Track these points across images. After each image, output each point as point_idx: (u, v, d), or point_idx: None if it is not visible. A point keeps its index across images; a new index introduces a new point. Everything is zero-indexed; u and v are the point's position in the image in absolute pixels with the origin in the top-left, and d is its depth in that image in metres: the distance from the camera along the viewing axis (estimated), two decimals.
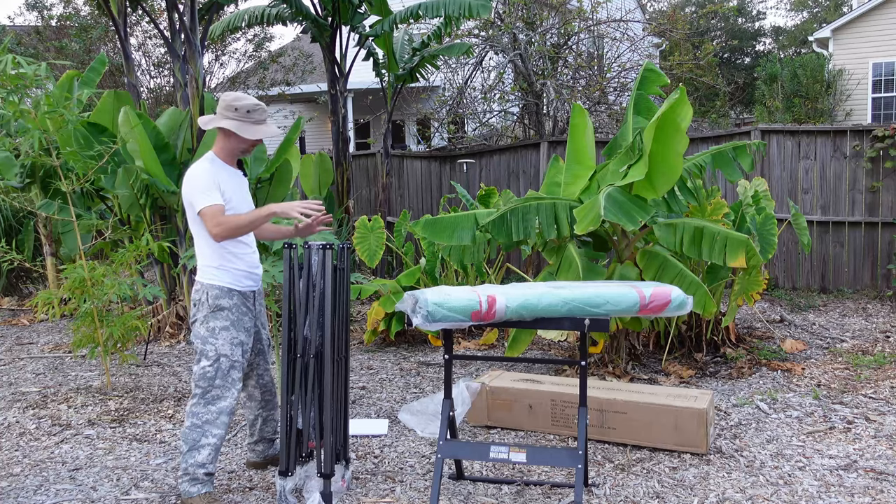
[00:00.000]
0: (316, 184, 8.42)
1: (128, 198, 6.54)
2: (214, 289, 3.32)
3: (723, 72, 20.68)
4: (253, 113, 3.31)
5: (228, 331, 3.32)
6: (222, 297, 3.32)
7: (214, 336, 3.31)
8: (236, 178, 3.41)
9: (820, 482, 3.46)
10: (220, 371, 3.30)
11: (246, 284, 3.40)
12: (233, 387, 3.33)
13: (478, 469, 3.73)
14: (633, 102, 5.17)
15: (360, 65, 8.71)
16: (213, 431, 3.30)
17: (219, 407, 3.31)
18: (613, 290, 3.18)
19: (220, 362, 3.30)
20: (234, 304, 3.34)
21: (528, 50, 10.50)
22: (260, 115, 3.33)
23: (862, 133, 7.89)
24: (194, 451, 3.28)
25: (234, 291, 3.35)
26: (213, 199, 3.22)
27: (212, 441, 3.29)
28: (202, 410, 3.30)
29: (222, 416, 3.32)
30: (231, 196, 3.33)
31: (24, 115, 4.77)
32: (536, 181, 9.14)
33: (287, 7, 7.72)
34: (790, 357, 5.58)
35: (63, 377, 5.59)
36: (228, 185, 3.33)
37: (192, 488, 3.29)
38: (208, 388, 3.30)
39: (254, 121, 3.32)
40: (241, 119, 3.30)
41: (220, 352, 3.30)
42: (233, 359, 3.32)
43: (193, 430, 3.29)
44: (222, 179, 3.30)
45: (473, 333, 6.51)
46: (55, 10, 14.14)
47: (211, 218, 3.20)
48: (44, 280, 8.92)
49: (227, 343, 3.31)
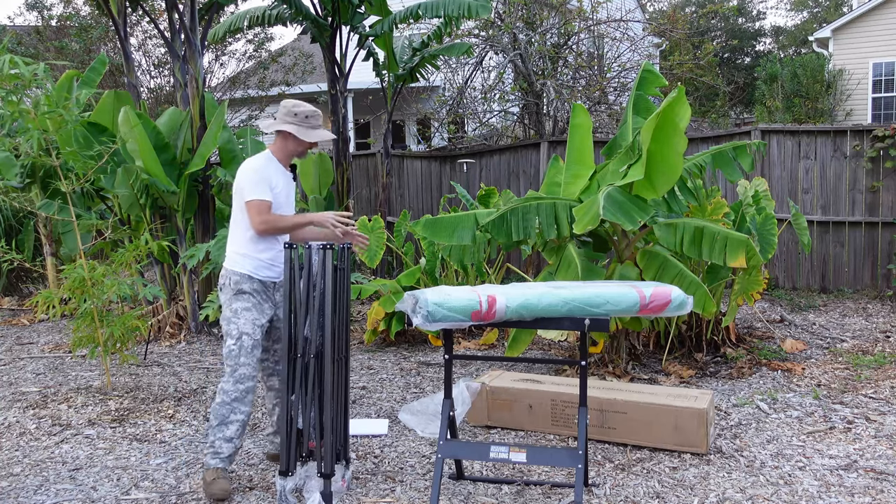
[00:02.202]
0: (316, 184, 8.42)
1: (128, 198, 6.54)
2: (236, 275, 3.54)
3: (723, 72, 20.68)
4: (310, 118, 3.57)
5: (251, 311, 3.51)
6: (243, 283, 3.53)
7: (237, 316, 3.51)
8: (287, 180, 3.64)
9: (820, 482, 3.46)
10: (244, 349, 3.48)
11: (265, 275, 3.57)
12: (257, 366, 3.55)
13: (478, 469, 3.73)
14: (633, 102, 5.18)
15: (360, 65, 8.71)
16: (241, 408, 3.50)
17: (246, 386, 3.50)
18: (613, 290, 3.18)
19: (242, 340, 3.49)
20: (254, 290, 3.54)
21: (528, 50, 10.50)
22: (316, 120, 3.60)
23: (862, 133, 7.89)
24: (223, 426, 3.48)
25: (254, 279, 3.55)
26: (264, 193, 3.47)
27: (240, 418, 3.50)
28: (231, 388, 3.48)
29: (249, 394, 3.51)
30: (279, 194, 3.56)
31: (24, 115, 4.77)
32: (536, 181, 9.14)
33: (287, 7, 7.72)
34: (790, 357, 5.58)
35: (63, 377, 5.59)
36: (279, 185, 3.56)
37: (212, 461, 3.48)
38: (235, 365, 3.48)
39: (311, 126, 3.58)
40: (299, 123, 3.56)
41: (243, 330, 3.49)
42: (254, 337, 3.51)
43: (223, 407, 3.48)
44: (275, 178, 3.54)
45: (473, 333, 6.51)
46: (55, 10, 14.13)
47: (258, 212, 3.46)
48: (44, 280, 8.92)
49: (249, 322, 3.50)
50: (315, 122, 3.58)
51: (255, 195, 3.46)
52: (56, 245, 8.23)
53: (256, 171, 3.50)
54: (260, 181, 3.48)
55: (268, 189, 3.48)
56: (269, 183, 3.50)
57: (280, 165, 3.61)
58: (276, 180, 3.54)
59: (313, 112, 3.59)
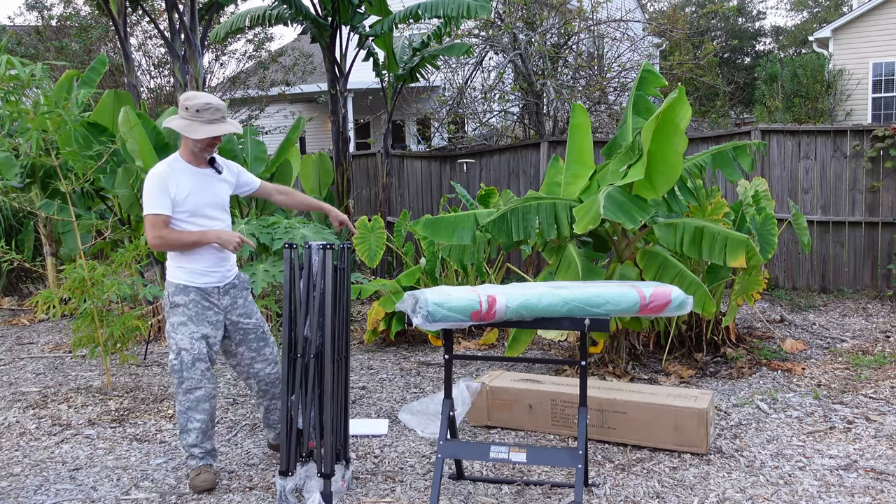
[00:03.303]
0: (316, 184, 8.42)
1: (128, 198, 6.53)
2: (171, 286, 3.47)
3: (723, 72, 20.67)
4: (203, 112, 3.32)
5: (186, 326, 3.43)
6: (177, 294, 3.44)
7: (175, 331, 3.45)
8: (201, 178, 3.44)
9: (820, 482, 3.46)
10: (184, 363, 3.43)
11: (204, 282, 3.47)
12: (203, 377, 3.46)
13: (478, 469, 3.73)
14: (633, 102, 5.18)
15: (360, 65, 8.71)
16: (196, 416, 3.47)
17: (196, 396, 3.46)
18: (613, 290, 3.18)
19: (181, 356, 3.44)
20: (190, 301, 3.44)
21: (528, 50, 10.50)
22: (211, 114, 3.33)
23: (862, 133, 7.89)
24: (185, 434, 3.50)
25: (189, 288, 3.45)
26: (158, 207, 3.30)
27: (196, 425, 3.47)
28: (182, 399, 3.47)
29: (201, 402, 3.47)
30: (189, 197, 3.37)
31: (23, 115, 4.76)
32: (536, 181, 9.14)
33: (287, 7, 7.72)
34: (790, 357, 5.58)
35: (63, 377, 5.59)
36: (188, 186, 3.38)
37: (191, 461, 3.54)
38: (181, 379, 3.45)
39: (204, 120, 3.33)
40: (190, 118, 3.33)
41: (180, 346, 3.44)
42: (193, 352, 3.43)
43: (181, 416, 3.50)
44: (181, 181, 3.36)
45: (473, 333, 6.51)
46: (55, 10, 14.14)
47: (152, 227, 3.31)
48: (44, 280, 8.92)
49: (185, 337, 3.43)
50: (209, 115, 3.32)
51: (149, 209, 3.30)
52: (56, 245, 8.23)
53: (151, 183, 3.32)
54: (157, 192, 3.29)
55: (166, 200, 3.30)
56: (171, 191, 3.30)
57: (189, 165, 3.41)
58: (183, 184, 3.35)
59: (206, 105, 3.32)
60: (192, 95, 3.37)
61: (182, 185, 3.36)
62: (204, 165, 3.47)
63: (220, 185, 3.53)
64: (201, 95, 3.37)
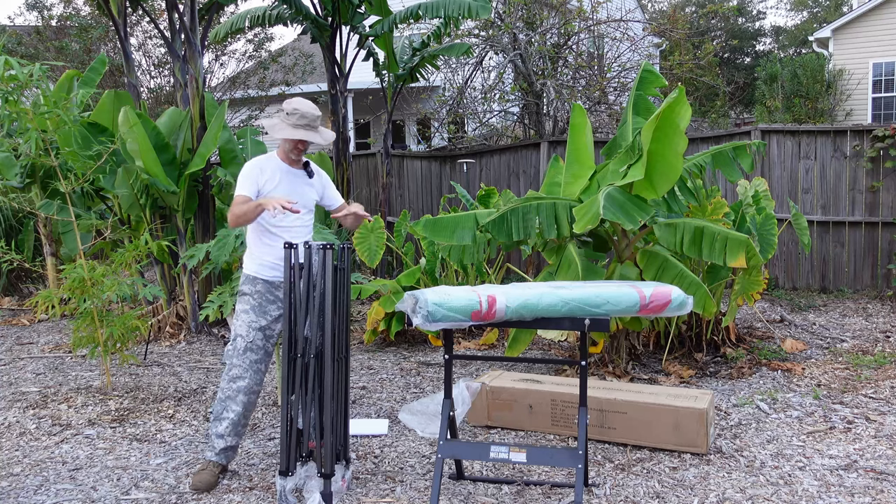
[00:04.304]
0: None
1: (128, 198, 6.54)
2: (243, 275, 3.66)
3: (723, 72, 20.67)
4: (291, 116, 3.55)
5: (248, 314, 3.57)
6: (245, 283, 3.62)
7: (237, 317, 3.60)
8: (292, 176, 3.65)
9: (820, 482, 3.46)
10: (237, 350, 3.55)
11: (271, 275, 3.61)
12: (250, 368, 3.55)
13: (478, 469, 3.73)
14: (633, 102, 5.18)
15: (360, 65, 8.71)
16: (232, 407, 3.53)
17: (238, 386, 3.53)
18: (613, 290, 3.18)
19: (236, 342, 3.56)
20: (256, 291, 3.59)
21: (528, 50, 10.50)
22: (297, 119, 3.55)
23: (862, 133, 7.89)
24: (217, 422, 3.55)
25: (258, 279, 3.60)
26: (242, 189, 3.51)
27: (231, 416, 3.53)
28: (225, 386, 3.56)
29: (240, 394, 3.53)
30: (276, 189, 3.56)
31: (22, 115, 4.76)
32: (536, 181, 9.14)
33: (287, 7, 7.72)
34: (790, 357, 5.58)
35: (63, 377, 5.59)
36: (275, 180, 3.58)
37: (208, 453, 3.57)
38: (229, 365, 3.56)
39: (290, 123, 3.55)
40: (281, 120, 3.58)
41: (237, 332, 3.56)
42: (247, 340, 3.54)
43: (219, 403, 3.56)
44: (269, 173, 3.58)
45: (473, 333, 6.51)
46: (55, 10, 14.14)
47: (232, 205, 3.52)
48: (44, 280, 8.92)
49: (244, 325, 3.56)
50: (296, 120, 3.54)
51: (236, 191, 3.54)
52: (56, 245, 8.23)
53: (247, 168, 3.57)
54: (245, 177, 3.53)
55: (252, 185, 3.51)
56: (259, 180, 3.53)
57: (281, 163, 3.64)
58: (271, 175, 3.57)
59: (295, 109, 3.54)
60: (294, 101, 3.60)
61: (270, 176, 3.57)
62: (297, 166, 3.68)
63: (308, 188, 3.72)
64: (295, 101, 3.59)
